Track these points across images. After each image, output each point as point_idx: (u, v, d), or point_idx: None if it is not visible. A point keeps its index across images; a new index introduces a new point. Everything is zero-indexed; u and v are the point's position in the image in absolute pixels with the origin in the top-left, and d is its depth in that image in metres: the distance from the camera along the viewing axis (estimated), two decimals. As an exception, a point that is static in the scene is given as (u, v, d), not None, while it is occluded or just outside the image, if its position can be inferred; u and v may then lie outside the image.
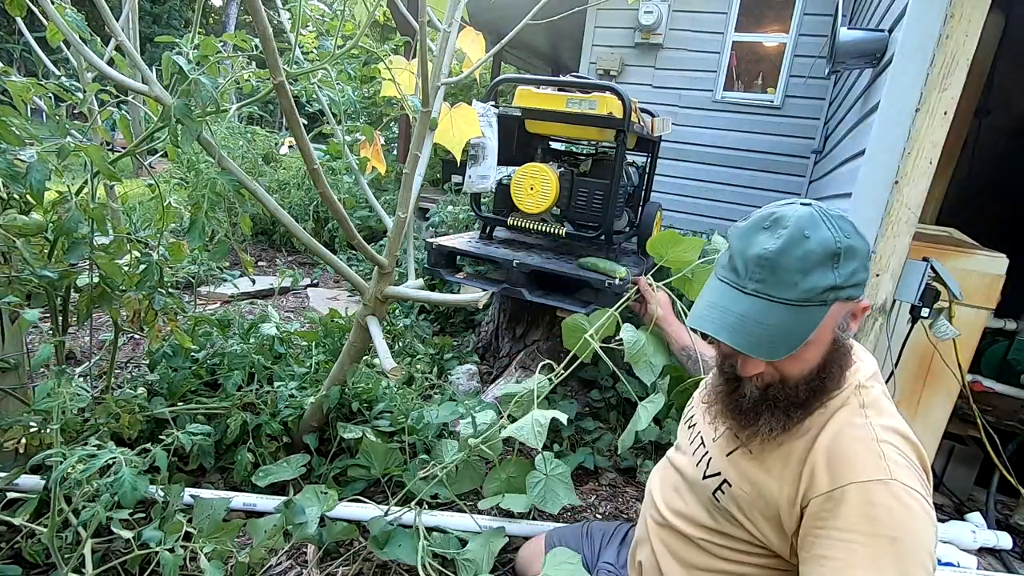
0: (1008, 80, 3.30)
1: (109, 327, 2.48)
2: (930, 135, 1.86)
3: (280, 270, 4.28)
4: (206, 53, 1.43)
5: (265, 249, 5.39)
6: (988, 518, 2.08)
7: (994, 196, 3.52)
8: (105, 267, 1.57)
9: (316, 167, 1.46)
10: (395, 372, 1.57)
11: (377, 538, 1.51)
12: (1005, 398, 2.37)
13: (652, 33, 4.81)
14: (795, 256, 0.77)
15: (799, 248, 0.77)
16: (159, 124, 1.45)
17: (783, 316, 0.78)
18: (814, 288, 0.76)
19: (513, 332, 2.92)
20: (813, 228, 0.77)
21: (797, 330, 0.77)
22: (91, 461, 1.22)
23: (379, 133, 2.02)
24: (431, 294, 1.89)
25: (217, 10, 20.29)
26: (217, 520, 1.40)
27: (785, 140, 4.60)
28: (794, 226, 0.78)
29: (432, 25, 1.70)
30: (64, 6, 1.43)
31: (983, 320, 2.07)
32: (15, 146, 1.36)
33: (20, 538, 1.37)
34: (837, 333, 0.81)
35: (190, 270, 2.18)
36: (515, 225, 2.70)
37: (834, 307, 0.79)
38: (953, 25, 1.77)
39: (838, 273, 0.77)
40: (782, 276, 0.77)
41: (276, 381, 2.05)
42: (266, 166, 6.17)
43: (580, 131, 2.68)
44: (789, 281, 0.77)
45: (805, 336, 0.77)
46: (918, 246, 2.02)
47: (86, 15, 1.50)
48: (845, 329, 0.82)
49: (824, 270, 0.77)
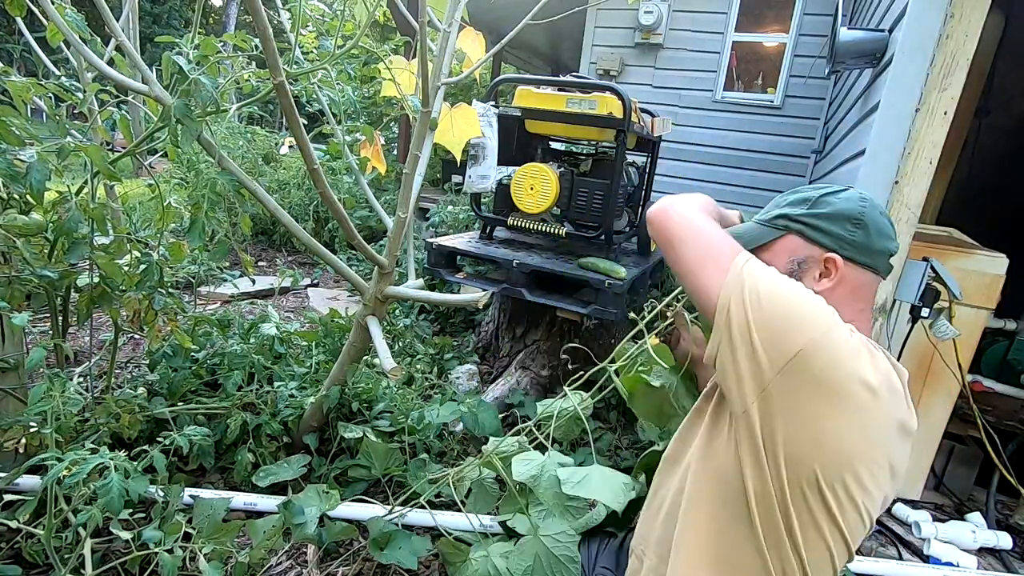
0: (1008, 80, 3.30)
1: (109, 327, 2.48)
2: (930, 135, 1.86)
3: (280, 270, 4.28)
4: (206, 53, 1.43)
5: (265, 249, 5.39)
6: (988, 518, 2.08)
7: (994, 196, 3.52)
8: (105, 267, 1.57)
9: (316, 167, 1.46)
10: (395, 372, 1.57)
11: (377, 540, 1.51)
12: (1005, 398, 2.37)
13: (652, 33, 4.81)
14: (784, 196, 0.99)
15: (793, 193, 0.98)
16: (159, 124, 1.45)
17: (751, 227, 1.00)
18: (775, 213, 0.97)
19: (513, 332, 2.92)
20: (818, 189, 0.95)
21: (754, 237, 0.96)
22: (83, 465, 1.22)
23: (379, 133, 2.02)
24: (431, 294, 1.89)
25: (217, 10, 20.29)
26: (217, 520, 1.40)
27: (785, 140, 4.60)
28: (814, 185, 0.98)
29: (432, 25, 1.70)
30: (64, 6, 1.43)
31: (983, 320, 2.07)
32: (15, 146, 1.36)
33: (20, 538, 1.37)
34: (791, 267, 0.92)
35: (190, 270, 2.18)
36: (515, 225, 2.70)
37: (788, 237, 0.94)
38: (953, 25, 1.77)
39: (800, 210, 0.93)
40: (768, 207, 1.01)
41: (276, 381, 2.05)
42: (266, 166, 6.17)
43: (580, 131, 2.68)
44: (767, 209, 1.00)
45: (758, 241, 0.95)
46: (918, 246, 2.02)
47: (86, 15, 1.50)
48: (804, 271, 0.92)
49: (792, 207, 0.95)
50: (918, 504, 2.20)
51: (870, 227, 0.88)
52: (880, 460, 0.78)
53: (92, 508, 1.23)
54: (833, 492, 0.77)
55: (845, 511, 0.78)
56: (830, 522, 0.78)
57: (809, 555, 0.80)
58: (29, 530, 1.32)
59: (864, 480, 0.77)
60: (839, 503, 0.77)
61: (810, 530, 0.79)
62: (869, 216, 0.89)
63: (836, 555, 0.81)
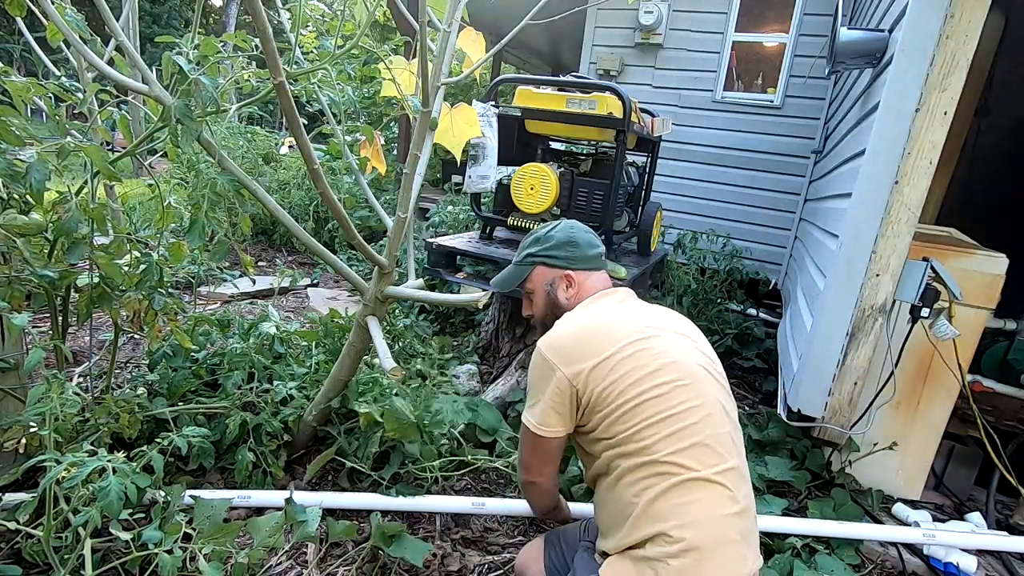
0: (1008, 80, 3.30)
1: (109, 327, 2.48)
2: (930, 135, 1.86)
3: (280, 270, 4.27)
4: (206, 53, 1.42)
5: (265, 249, 5.39)
6: (988, 518, 2.08)
7: (994, 196, 3.52)
8: (105, 267, 1.57)
9: (316, 167, 1.46)
10: (395, 372, 1.57)
11: (384, 532, 1.52)
12: (1005, 398, 2.37)
13: (652, 33, 4.80)
14: (524, 240, 1.40)
15: (529, 236, 1.39)
16: (159, 124, 1.45)
17: (512, 269, 1.42)
18: (524, 254, 1.38)
19: (513, 332, 2.92)
20: (543, 228, 1.37)
21: (518, 274, 1.39)
22: (81, 468, 1.21)
23: (379, 133, 2.02)
24: (431, 294, 1.89)
25: (217, 10, 20.29)
26: (217, 521, 1.40)
27: (785, 140, 4.59)
28: (541, 226, 1.40)
29: (432, 25, 1.70)
30: (64, 6, 1.43)
31: (983, 320, 2.07)
32: (15, 146, 1.36)
33: (20, 538, 1.37)
34: (547, 288, 1.34)
35: (190, 270, 2.18)
36: (515, 225, 2.70)
37: (538, 269, 1.35)
38: (953, 25, 1.77)
39: (537, 248, 1.35)
40: (518, 252, 1.41)
41: (276, 381, 2.04)
42: (266, 166, 6.17)
43: (580, 131, 2.68)
44: (518, 253, 1.41)
45: (519, 279, 1.38)
46: (918, 246, 2.02)
47: (86, 15, 1.50)
48: (556, 288, 1.33)
49: (532, 246, 1.36)
50: (918, 504, 2.20)
51: (581, 244, 1.32)
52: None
53: (91, 509, 1.22)
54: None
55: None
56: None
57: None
58: (28, 531, 1.32)
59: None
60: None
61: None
62: (577, 236, 1.33)
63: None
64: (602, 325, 1.18)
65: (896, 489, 2.24)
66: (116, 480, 1.24)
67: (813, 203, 3.80)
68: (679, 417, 1.03)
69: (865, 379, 2.11)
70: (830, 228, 2.50)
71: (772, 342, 3.59)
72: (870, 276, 2.01)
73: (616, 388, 1.07)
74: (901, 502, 2.16)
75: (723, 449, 1.03)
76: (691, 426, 1.03)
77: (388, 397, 2.04)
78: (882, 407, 2.14)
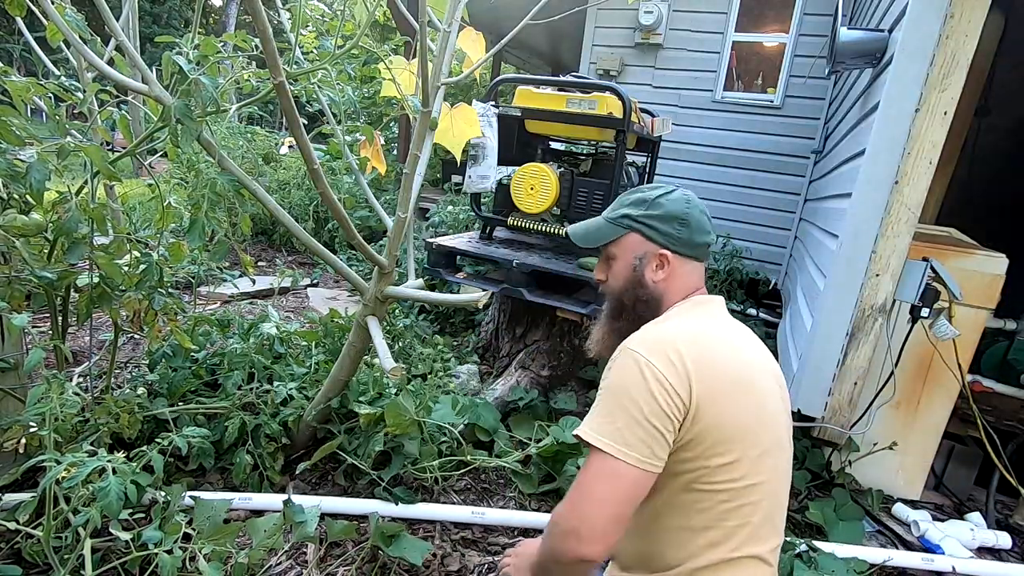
0: (1008, 80, 3.30)
1: (109, 327, 2.48)
2: (930, 135, 1.86)
3: (280, 270, 4.27)
4: (206, 53, 1.42)
5: (265, 249, 5.39)
6: (988, 518, 2.08)
7: (994, 196, 3.52)
8: (105, 267, 1.57)
9: (316, 167, 1.46)
10: (395, 372, 1.57)
11: (384, 532, 1.52)
12: (1005, 398, 2.37)
13: (652, 33, 4.80)
14: (626, 196, 1.12)
15: (632, 193, 1.12)
16: (159, 124, 1.45)
17: (601, 223, 1.14)
18: (621, 212, 1.10)
19: (513, 332, 2.92)
20: (654, 190, 1.10)
21: (605, 232, 1.12)
22: (81, 468, 1.21)
23: (379, 133, 2.02)
24: (431, 294, 1.89)
25: (217, 10, 20.28)
26: (217, 521, 1.40)
27: (785, 140, 4.59)
28: (651, 186, 1.13)
29: (432, 25, 1.70)
30: (64, 6, 1.43)
31: (983, 320, 2.07)
32: (15, 146, 1.36)
33: (20, 538, 1.37)
34: (634, 262, 1.08)
35: (190, 270, 2.18)
36: (515, 225, 2.70)
37: (631, 236, 1.09)
38: (953, 25, 1.77)
39: (639, 211, 1.08)
40: (614, 205, 1.14)
41: (276, 381, 2.04)
42: (266, 166, 6.16)
43: (580, 131, 2.68)
44: (614, 208, 1.13)
45: (605, 239, 1.12)
46: (918, 246, 2.02)
47: (86, 15, 1.50)
48: (645, 264, 1.08)
49: (633, 207, 1.09)
50: (918, 504, 2.21)
51: (693, 225, 1.06)
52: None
53: (91, 509, 1.22)
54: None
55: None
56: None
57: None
58: (28, 531, 1.32)
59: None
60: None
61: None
62: (692, 216, 1.07)
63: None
64: (709, 347, 0.96)
65: (896, 489, 2.24)
66: (116, 480, 1.24)
67: (813, 203, 3.80)
68: (757, 489, 0.90)
69: (865, 379, 2.11)
70: (830, 228, 2.50)
71: (772, 342, 3.59)
72: (870, 276, 2.01)
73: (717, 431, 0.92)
74: (901, 502, 2.16)
75: (779, 522, 0.96)
76: (763, 500, 0.91)
77: (388, 396, 2.05)
78: (882, 407, 2.14)
